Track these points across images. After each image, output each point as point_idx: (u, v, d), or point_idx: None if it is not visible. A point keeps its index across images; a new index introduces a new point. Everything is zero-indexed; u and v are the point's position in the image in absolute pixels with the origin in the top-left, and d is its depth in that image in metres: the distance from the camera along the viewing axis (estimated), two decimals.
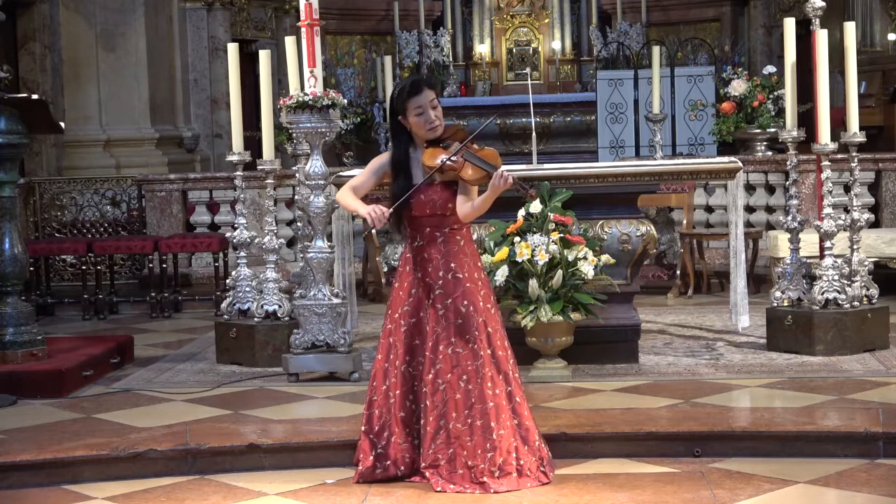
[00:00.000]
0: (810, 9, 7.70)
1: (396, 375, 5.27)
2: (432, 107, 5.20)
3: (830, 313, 7.39)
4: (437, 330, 5.20)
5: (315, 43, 7.23)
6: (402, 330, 5.29)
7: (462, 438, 5.15)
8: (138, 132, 13.74)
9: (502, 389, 5.21)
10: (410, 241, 5.35)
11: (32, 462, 5.62)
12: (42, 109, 7.60)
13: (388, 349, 5.31)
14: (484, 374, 5.17)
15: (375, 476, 5.31)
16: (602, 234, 7.35)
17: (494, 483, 5.14)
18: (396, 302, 5.34)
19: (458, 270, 5.24)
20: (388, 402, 5.29)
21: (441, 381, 5.17)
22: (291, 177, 9.65)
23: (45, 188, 11.74)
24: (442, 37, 17.66)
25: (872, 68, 14.69)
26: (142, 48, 13.68)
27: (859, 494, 5.11)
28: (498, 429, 5.16)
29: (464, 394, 5.16)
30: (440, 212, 5.25)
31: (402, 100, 5.23)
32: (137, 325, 9.72)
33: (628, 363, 7.28)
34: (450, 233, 5.28)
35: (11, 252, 7.35)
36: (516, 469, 5.18)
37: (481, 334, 5.19)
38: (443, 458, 5.17)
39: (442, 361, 5.17)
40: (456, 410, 5.16)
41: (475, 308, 5.21)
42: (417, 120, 5.21)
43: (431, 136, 5.22)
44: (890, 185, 10.78)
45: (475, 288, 5.24)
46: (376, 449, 5.30)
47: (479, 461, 5.15)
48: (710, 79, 13.67)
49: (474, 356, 5.18)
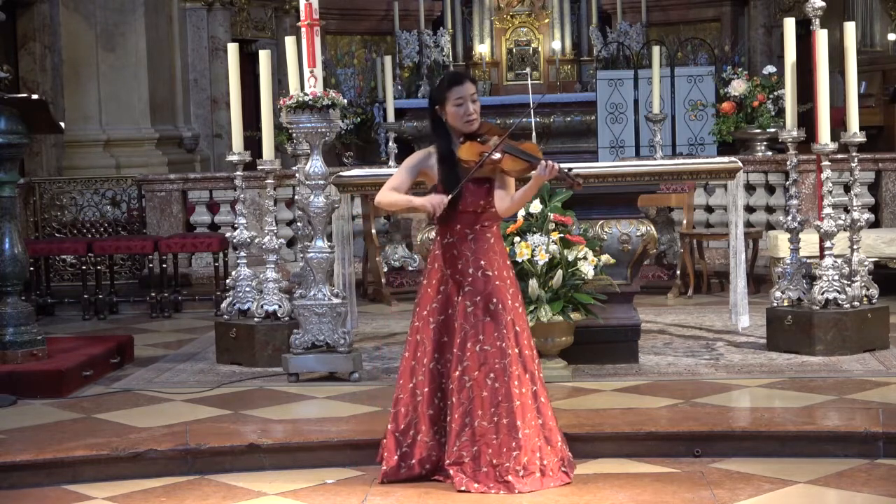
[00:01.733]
0: (810, 9, 7.70)
1: (424, 373, 5.24)
2: (472, 100, 5.19)
3: (830, 313, 7.39)
4: (466, 327, 5.18)
5: (315, 43, 7.23)
6: (430, 327, 5.26)
7: (487, 436, 5.12)
8: (138, 132, 13.73)
9: (528, 389, 5.19)
10: (440, 237, 5.31)
11: (32, 462, 5.62)
12: (42, 109, 7.60)
13: (416, 346, 5.28)
14: (511, 373, 5.15)
15: (400, 475, 5.26)
16: (602, 234, 7.35)
17: (519, 482, 5.11)
18: (425, 299, 5.31)
19: (487, 268, 5.22)
20: (414, 399, 5.25)
21: (468, 378, 5.15)
22: (291, 177, 9.65)
23: (45, 188, 11.73)
24: (442, 37, 17.64)
25: (872, 68, 14.69)
26: (142, 48, 13.68)
27: (859, 494, 5.11)
28: (523, 428, 5.13)
29: (490, 391, 5.14)
30: (472, 209, 5.23)
31: (442, 89, 5.22)
32: (137, 325, 9.72)
33: (628, 363, 7.29)
34: (480, 230, 5.25)
35: (11, 252, 7.35)
36: (539, 469, 5.16)
37: (509, 332, 5.17)
38: (467, 455, 5.14)
39: (469, 359, 5.16)
40: (482, 408, 5.13)
41: (504, 306, 5.19)
42: (456, 111, 5.19)
43: (468, 130, 5.20)
44: (890, 185, 10.78)
45: (504, 286, 5.23)
46: (401, 448, 5.26)
47: (505, 460, 5.12)
48: (710, 79, 13.67)
49: (502, 354, 5.15)
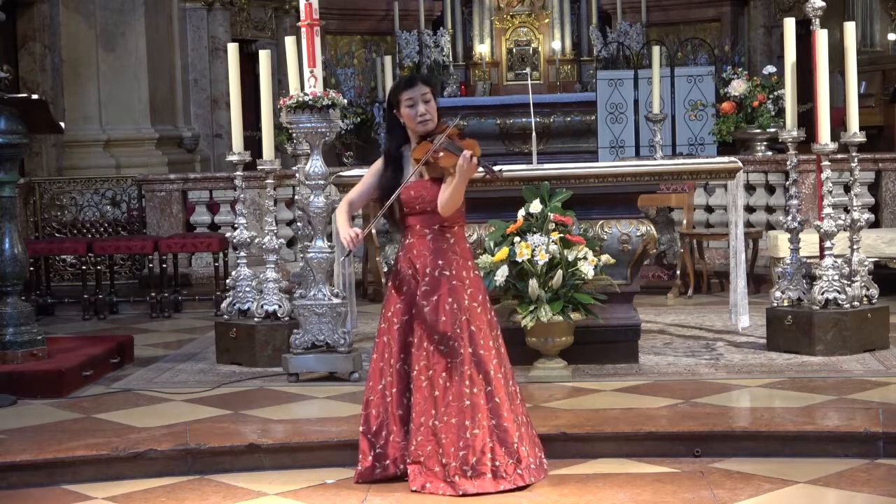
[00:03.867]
0: (810, 9, 7.70)
1: (392, 374, 5.28)
2: (424, 101, 5.24)
3: (830, 313, 7.39)
4: (422, 326, 5.22)
5: (315, 43, 7.23)
6: (395, 328, 5.30)
7: (439, 435, 5.16)
8: (138, 132, 13.73)
9: (481, 388, 5.19)
10: (403, 238, 5.37)
11: (32, 462, 5.62)
12: (42, 109, 7.60)
13: (384, 348, 5.32)
14: (462, 373, 5.18)
15: (375, 476, 5.31)
16: (602, 234, 7.34)
17: (466, 483, 5.11)
18: (390, 300, 5.36)
19: (444, 268, 5.25)
20: (384, 401, 5.29)
21: (424, 377, 5.19)
22: (291, 177, 9.65)
23: (45, 188, 11.73)
24: (442, 37, 17.64)
25: (872, 68, 14.68)
26: (142, 48, 13.68)
27: (859, 494, 5.11)
28: (472, 428, 5.14)
29: (441, 390, 5.18)
30: (429, 208, 5.25)
31: (396, 92, 5.30)
32: (137, 325, 9.72)
33: (628, 363, 7.28)
34: (439, 230, 5.28)
35: (11, 252, 7.35)
36: (491, 470, 5.14)
37: (463, 332, 5.20)
38: (423, 454, 5.17)
39: (425, 358, 5.20)
40: (434, 407, 5.17)
41: (459, 306, 5.21)
42: (408, 112, 5.24)
43: (422, 130, 5.25)
44: (890, 185, 10.78)
45: (461, 286, 5.24)
46: (375, 449, 5.31)
47: (452, 459, 5.14)
48: (710, 79, 13.68)
49: (454, 354, 5.18)
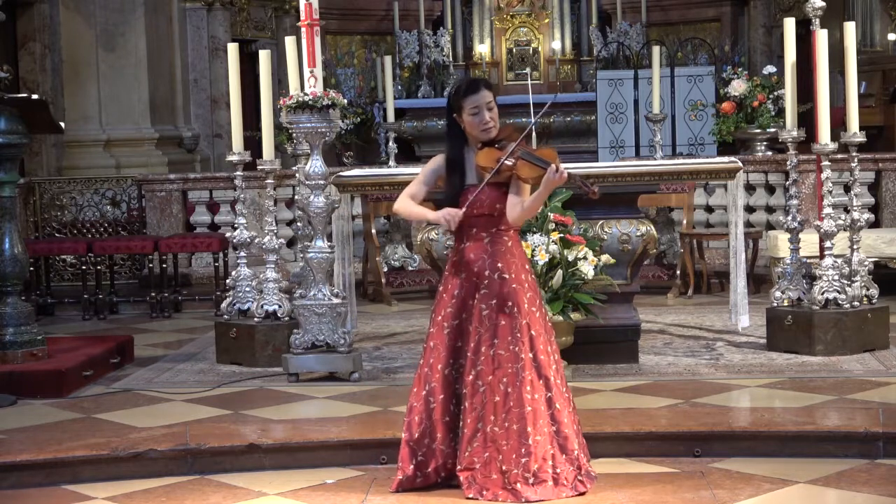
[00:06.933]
0: (810, 9, 7.70)
1: (437, 380, 5.17)
2: (488, 108, 5.13)
3: (830, 313, 7.39)
4: (480, 330, 5.12)
5: (315, 43, 7.23)
6: (444, 332, 5.19)
7: (498, 442, 5.05)
8: (138, 132, 13.72)
9: (542, 394, 5.10)
10: (457, 242, 5.25)
11: (32, 462, 5.62)
12: (42, 109, 7.61)
13: (430, 353, 5.21)
14: (523, 378, 5.07)
15: (415, 484, 5.20)
16: (602, 234, 7.34)
17: (528, 490, 5.02)
18: (441, 304, 5.25)
19: (504, 271, 5.16)
20: (428, 407, 5.18)
21: (481, 382, 5.09)
22: (291, 177, 9.65)
23: (45, 188, 11.73)
24: (442, 37, 17.62)
25: (872, 68, 14.69)
26: (142, 48, 13.67)
27: (859, 494, 5.11)
28: (534, 434, 5.04)
29: (502, 396, 5.07)
30: (488, 212, 5.17)
31: (458, 98, 5.17)
32: (137, 325, 9.71)
33: (628, 363, 7.28)
34: (496, 233, 5.19)
35: (11, 252, 7.35)
36: (552, 477, 5.06)
37: (524, 336, 5.10)
38: (478, 461, 5.07)
39: (483, 363, 5.09)
40: (494, 413, 5.06)
41: (519, 309, 5.12)
42: (472, 119, 5.14)
43: (485, 138, 5.15)
44: (890, 185, 10.78)
45: (521, 289, 5.15)
46: (416, 457, 5.19)
47: (513, 466, 5.03)
48: (710, 79, 13.67)
49: (515, 358, 5.08)
